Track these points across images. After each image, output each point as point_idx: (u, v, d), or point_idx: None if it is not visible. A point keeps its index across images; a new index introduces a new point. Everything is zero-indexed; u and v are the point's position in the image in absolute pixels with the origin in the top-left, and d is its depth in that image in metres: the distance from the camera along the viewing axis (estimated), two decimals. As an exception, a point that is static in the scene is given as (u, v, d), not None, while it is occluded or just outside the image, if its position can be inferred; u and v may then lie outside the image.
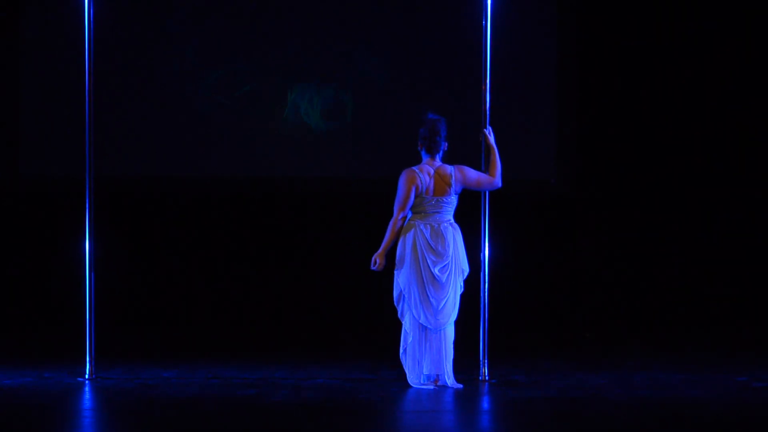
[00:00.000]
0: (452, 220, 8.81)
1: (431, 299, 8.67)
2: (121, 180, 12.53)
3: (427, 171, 8.75)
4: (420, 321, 8.70)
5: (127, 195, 12.64)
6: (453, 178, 8.75)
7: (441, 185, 8.73)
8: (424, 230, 8.69)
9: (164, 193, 12.70)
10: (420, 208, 8.74)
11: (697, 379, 9.04)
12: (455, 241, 8.76)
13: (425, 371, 8.70)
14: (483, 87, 9.06)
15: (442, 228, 8.71)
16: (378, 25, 12.59)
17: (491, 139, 8.96)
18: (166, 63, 12.50)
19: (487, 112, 9.04)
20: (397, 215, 8.76)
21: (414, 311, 8.69)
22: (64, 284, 12.04)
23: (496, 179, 8.92)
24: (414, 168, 8.76)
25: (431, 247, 8.68)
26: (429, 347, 8.73)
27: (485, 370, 8.98)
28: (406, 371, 8.77)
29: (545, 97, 12.66)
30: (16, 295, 12.62)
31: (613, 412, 7.70)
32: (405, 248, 8.73)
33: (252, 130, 12.59)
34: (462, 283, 8.81)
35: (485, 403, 8.17)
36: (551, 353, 10.83)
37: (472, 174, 8.82)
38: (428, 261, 8.68)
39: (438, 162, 8.81)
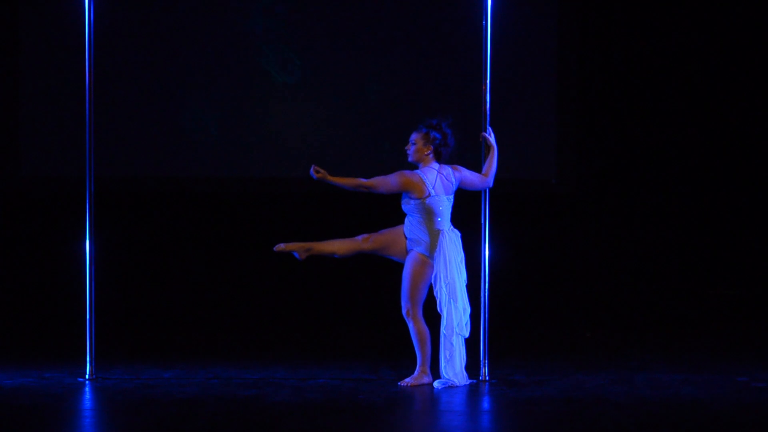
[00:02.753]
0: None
1: (468, 304, 8.75)
2: (121, 180, 12.53)
3: (431, 170, 8.74)
4: (462, 320, 8.70)
5: (127, 195, 12.64)
6: (453, 176, 8.77)
7: (446, 184, 8.74)
8: (449, 232, 8.70)
9: (164, 193, 12.70)
10: (430, 208, 8.69)
11: (697, 379, 9.04)
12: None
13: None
14: (483, 87, 9.06)
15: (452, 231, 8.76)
16: (378, 24, 12.59)
17: (492, 139, 8.96)
18: (167, 63, 12.50)
19: (488, 112, 9.04)
20: (368, 182, 8.69)
21: (465, 313, 8.70)
22: (64, 284, 12.04)
23: (489, 179, 8.94)
24: (416, 171, 8.73)
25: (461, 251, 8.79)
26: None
27: (485, 370, 8.97)
28: (456, 378, 8.64)
29: (545, 97, 12.66)
30: (17, 295, 12.62)
31: (614, 412, 7.70)
32: (449, 249, 8.69)
33: (253, 130, 12.59)
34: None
35: (485, 403, 8.17)
36: (551, 353, 10.82)
37: (467, 173, 8.85)
38: (463, 264, 8.75)
39: (436, 163, 8.80)
